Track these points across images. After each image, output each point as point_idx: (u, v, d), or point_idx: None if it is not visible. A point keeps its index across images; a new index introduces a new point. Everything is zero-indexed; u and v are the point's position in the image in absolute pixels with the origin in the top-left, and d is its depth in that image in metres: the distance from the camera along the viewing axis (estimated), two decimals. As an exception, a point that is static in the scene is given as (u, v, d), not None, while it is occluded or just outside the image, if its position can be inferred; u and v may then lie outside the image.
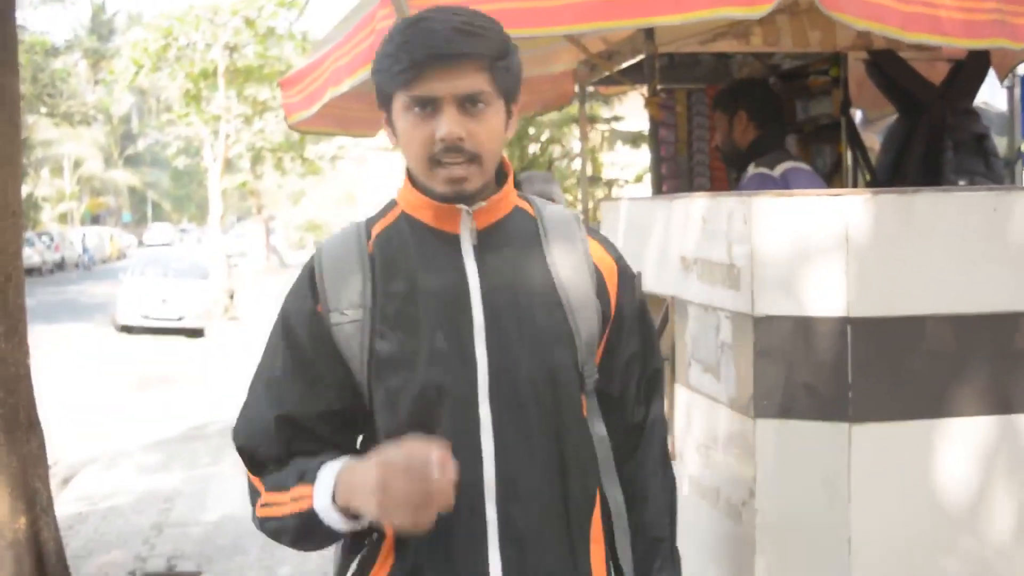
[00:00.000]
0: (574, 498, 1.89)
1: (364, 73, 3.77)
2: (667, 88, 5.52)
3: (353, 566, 1.89)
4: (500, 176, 1.92)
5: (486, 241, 1.88)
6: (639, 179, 11.96)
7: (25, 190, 47.68)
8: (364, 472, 1.69)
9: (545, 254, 1.91)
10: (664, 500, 2.04)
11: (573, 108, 7.86)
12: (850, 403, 2.45)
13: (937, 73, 4.41)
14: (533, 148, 12.11)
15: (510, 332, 1.84)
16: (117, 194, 61.15)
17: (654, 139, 4.87)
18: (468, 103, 1.77)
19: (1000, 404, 2.48)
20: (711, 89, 5.39)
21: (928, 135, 4.30)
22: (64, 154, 48.95)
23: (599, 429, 1.97)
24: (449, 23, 1.77)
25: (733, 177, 4.59)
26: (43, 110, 37.35)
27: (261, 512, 1.87)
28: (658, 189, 4.98)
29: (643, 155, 7.11)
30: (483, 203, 1.86)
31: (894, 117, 4.59)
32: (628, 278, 2.00)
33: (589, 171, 10.21)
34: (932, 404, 2.48)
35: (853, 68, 4.65)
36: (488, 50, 1.79)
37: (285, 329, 1.91)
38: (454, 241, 1.87)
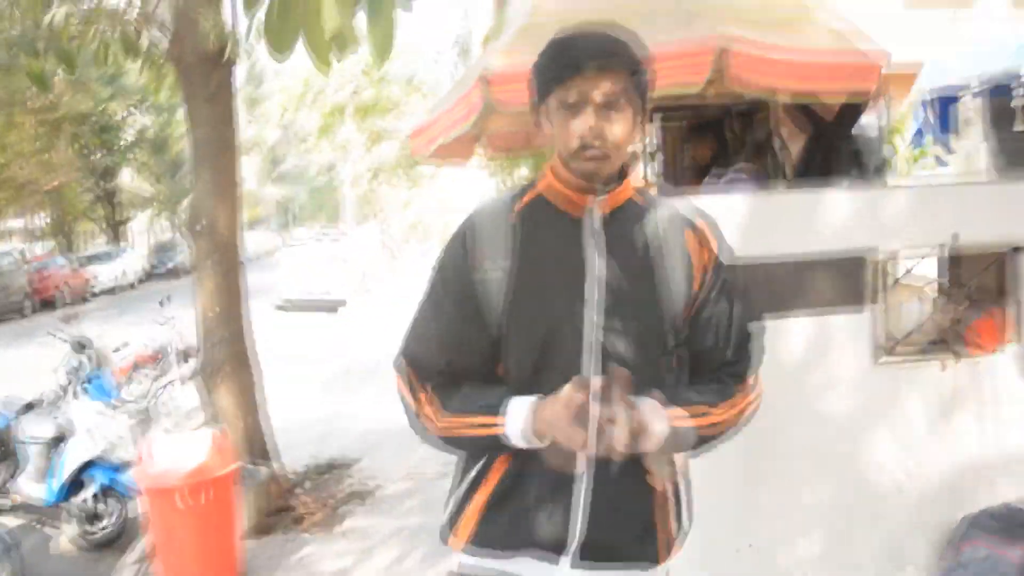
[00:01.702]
0: None
1: (461, 128, 4.55)
2: (661, 124, 6.22)
3: (476, 467, 1.90)
4: (622, 170, 1.88)
5: (605, 226, 1.84)
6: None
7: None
8: (555, 409, 1.70)
9: (649, 239, 1.87)
10: (712, 393, 1.89)
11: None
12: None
13: (831, 110, 4.78)
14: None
15: (616, 303, 1.81)
16: (266, 206, 62.06)
17: (645, 159, 5.59)
18: (608, 106, 1.75)
19: (813, 306, 3.12)
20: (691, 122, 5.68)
21: (825, 151, 4.77)
22: (228, 177, 49.84)
23: (682, 379, 1.93)
24: (598, 39, 1.77)
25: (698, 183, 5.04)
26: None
27: (440, 432, 1.84)
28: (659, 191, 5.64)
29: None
30: (604, 196, 1.84)
31: (804, 141, 5.01)
32: (714, 265, 1.90)
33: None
34: (778, 306, 3.06)
35: (775, 108, 4.98)
36: (627, 64, 1.77)
37: (442, 276, 1.89)
38: (579, 223, 1.84)
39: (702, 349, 1.90)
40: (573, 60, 1.74)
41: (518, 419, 1.75)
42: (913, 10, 17.70)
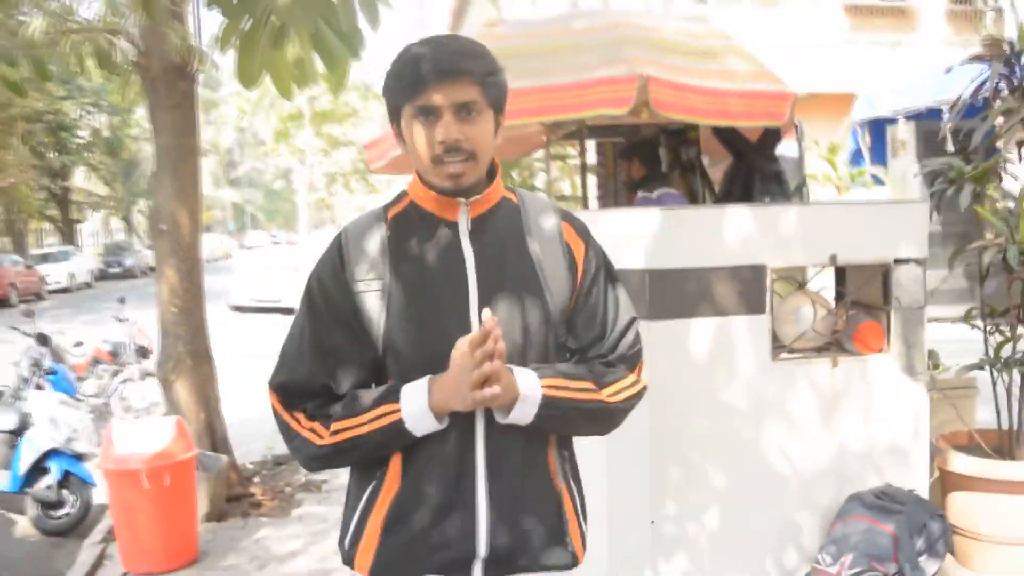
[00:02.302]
0: (538, 436, 1.81)
1: None
2: (600, 141, 6.61)
3: (368, 489, 1.82)
4: (491, 173, 1.85)
5: (479, 227, 1.81)
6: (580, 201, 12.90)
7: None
8: (452, 379, 1.67)
9: (526, 236, 1.85)
10: (589, 367, 1.84)
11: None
12: (648, 307, 3.24)
13: (754, 134, 5.19)
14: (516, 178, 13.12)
15: (497, 300, 1.77)
16: (223, 208, 61.75)
17: (583, 174, 5.97)
18: (463, 111, 1.71)
19: (717, 310, 3.44)
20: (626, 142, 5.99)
21: (746, 172, 5.12)
22: (183, 178, 49.61)
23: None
24: (445, 47, 1.74)
25: (633, 197, 5.41)
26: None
27: (330, 439, 1.75)
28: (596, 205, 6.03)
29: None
30: (477, 196, 1.80)
31: (729, 161, 5.39)
32: (592, 255, 1.89)
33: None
34: (686, 309, 3.41)
35: (704, 130, 5.42)
36: (479, 68, 1.73)
37: (319, 292, 1.83)
38: (454, 227, 1.80)
39: (585, 340, 1.86)
40: (422, 71, 1.70)
41: (416, 398, 1.71)
42: (858, 33, 18.40)
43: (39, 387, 7.38)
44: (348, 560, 1.85)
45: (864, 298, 3.70)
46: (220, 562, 5.22)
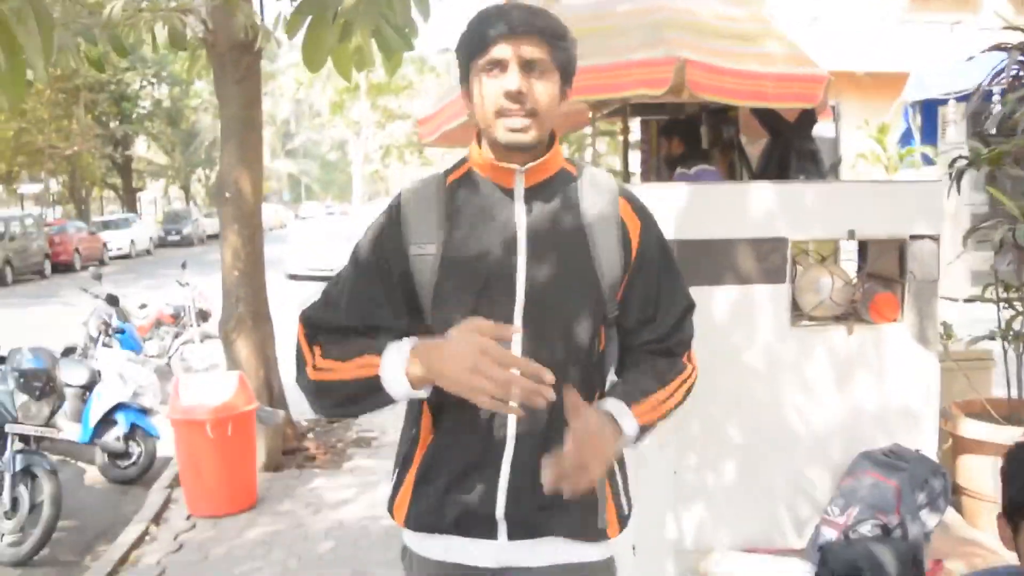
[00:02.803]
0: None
1: (460, 119, 5.22)
2: (645, 119, 6.86)
3: (407, 443, 1.88)
4: (550, 143, 1.84)
5: (534, 196, 1.80)
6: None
7: (213, 176, 49.16)
8: (452, 352, 1.60)
9: (580, 208, 1.82)
10: (660, 368, 1.86)
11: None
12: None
13: (792, 115, 5.36)
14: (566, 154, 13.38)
15: (545, 271, 1.76)
16: (279, 179, 62.66)
17: (625, 150, 6.23)
18: (529, 67, 1.71)
19: (740, 278, 3.72)
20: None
21: (783, 150, 5.34)
22: (241, 149, 50.49)
23: (612, 354, 1.92)
24: (517, 7, 1.75)
25: (673, 173, 5.64)
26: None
27: (314, 375, 1.77)
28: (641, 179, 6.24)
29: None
30: (533, 164, 1.78)
31: (767, 140, 5.59)
32: (650, 234, 1.88)
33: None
34: (712, 277, 3.68)
35: (743, 110, 5.60)
36: (548, 27, 1.73)
37: (371, 244, 1.84)
38: (509, 194, 1.80)
39: (638, 321, 1.87)
40: (493, 26, 1.72)
41: (395, 358, 1.67)
42: (916, 13, 18.26)
43: (107, 345, 7.88)
44: (390, 509, 1.91)
45: (881, 271, 3.95)
46: (277, 507, 5.65)
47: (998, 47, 3.87)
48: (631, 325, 1.87)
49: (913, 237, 3.79)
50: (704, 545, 3.78)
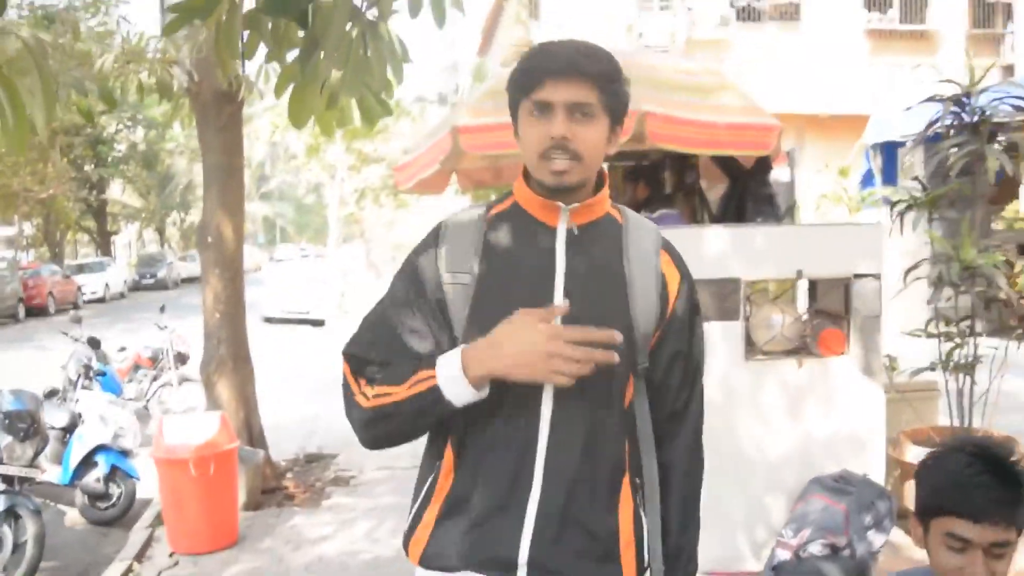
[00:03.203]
0: (608, 457, 1.80)
1: (434, 168, 5.48)
2: (612, 165, 7.14)
3: (428, 480, 1.86)
4: (599, 185, 1.84)
5: (577, 237, 1.79)
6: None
7: (189, 220, 49.17)
8: (519, 342, 1.63)
9: (623, 256, 1.81)
10: (692, 474, 1.94)
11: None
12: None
13: (749, 161, 5.62)
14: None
15: (580, 316, 1.71)
16: (254, 222, 62.71)
17: None
18: (577, 111, 1.70)
19: (718, 316, 4.01)
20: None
21: (741, 194, 5.62)
22: (215, 192, 50.67)
23: (642, 405, 1.87)
24: (570, 47, 1.75)
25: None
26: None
27: (369, 403, 1.78)
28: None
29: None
30: (578, 204, 1.78)
31: (726, 184, 5.88)
32: (687, 289, 1.88)
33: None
34: None
35: (703, 157, 5.84)
36: (598, 71, 1.72)
37: (410, 272, 1.84)
38: (552, 233, 1.80)
39: (659, 382, 1.88)
40: (542, 67, 1.73)
41: (451, 361, 1.69)
42: (879, 56, 18.89)
43: (87, 388, 8.02)
44: (405, 546, 1.89)
45: (828, 307, 4.23)
46: (258, 544, 5.81)
47: (932, 99, 4.20)
48: (658, 381, 1.88)
49: (857, 276, 4.08)
50: None
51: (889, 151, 13.00)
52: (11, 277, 24.68)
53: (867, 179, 12.56)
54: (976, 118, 4.03)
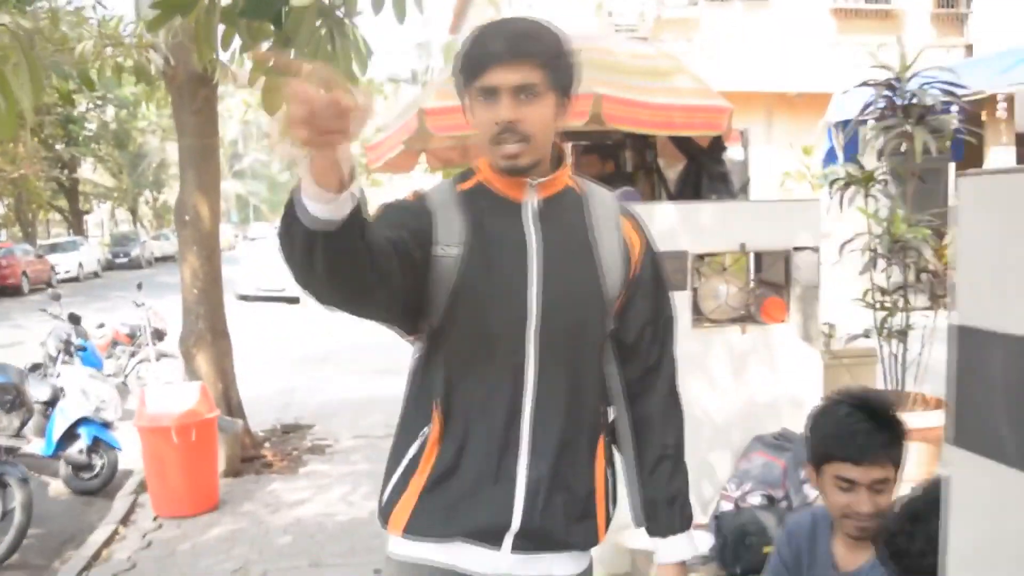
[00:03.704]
0: (587, 420, 1.87)
1: (399, 148, 5.72)
2: (573, 144, 7.41)
3: (411, 450, 1.86)
4: (558, 159, 1.87)
5: (544, 210, 1.83)
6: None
7: (161, 199, 48.93)
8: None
9: (587, 226, 1.86)
10: (671, 423, 2.00)
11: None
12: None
13: (705, 141, 5.73)
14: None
15: (557, 286, 1.79)
16: (227, 200, 62.48)
17: None
18: (522, 93, 1.71)
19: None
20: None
21: (696, 173, 5.85)
22: (188, 170, 50.60)
23: (612, 367, 1.94)
24: (510, 29, 1.76)
25: None
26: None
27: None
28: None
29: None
30: (543, 179, 1.81)
31: (684, 163, 6.03)
32: (650, 252, 1.95)
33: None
34: None
35: (660, 137, 5.94)
36: (541, 50, 1.73)
37: (407, 204, 1.84)
38: (520, 208, 1.83)
39: (631, 342, 1.93)
40: (485, 52, 1.73)
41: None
42: (844, 35, 19.18)
43: (68, 362, 8.24)
44: (383, 516, 1.90)
45: (770, 278, 4.53)
46: (238, 508, 6.09)
47: (866, 83, 4.50)
48: (631, 341, 1.94)
49: (796, 248, 4.38)
50: (621, 523, 4.31)
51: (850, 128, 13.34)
52: (-17, 257, 24.66)
53: (830, 157, 12.87)
54: (906, 101, 4.34)
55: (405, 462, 1.87)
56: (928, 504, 1.78)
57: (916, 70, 4.64)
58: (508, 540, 1.82)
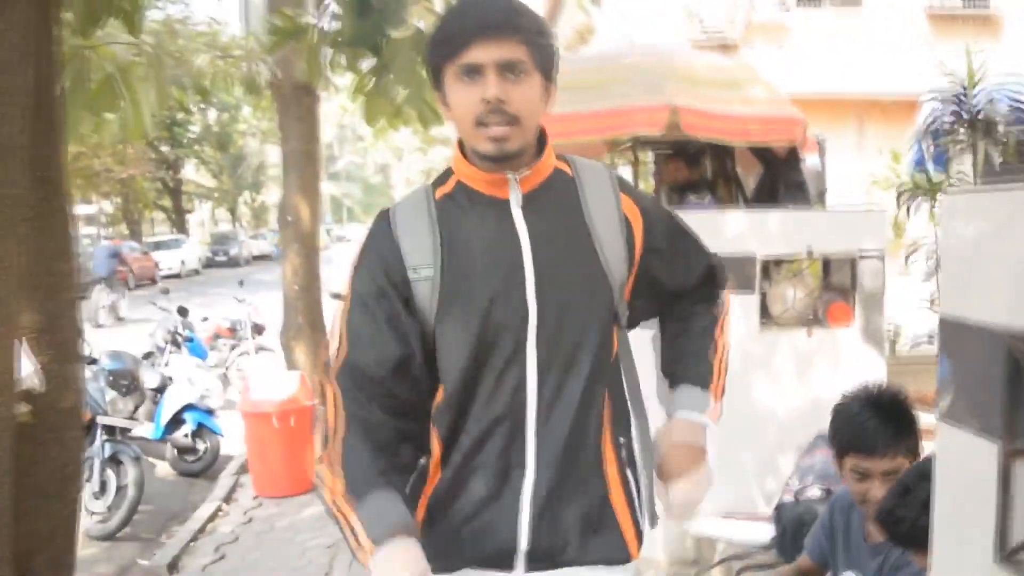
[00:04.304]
0: (594, 423, 1.75)
1: None
2: (657, 152, 7.68)
3: (411, 477, 1.74)
4: (540, 144, 1.74)
5: (532, 203, 1.71)
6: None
7: (260, 200, 50.45)
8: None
9: (582, 210, 1.74)
10: (703, 324, 1.90)
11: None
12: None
13: (782, 150, 5.86)
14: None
15: (556, 283, 1.68)
16: (322, 201, 63.79)
17: (635, 179, 7.02)
18: (508, 71, 1.60)
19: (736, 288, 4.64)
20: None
21: (773, 181, 6.15)
22: (285, 171, 52.09)
23: (627, 357, 1.86)
24: (491, 3, 1.65)
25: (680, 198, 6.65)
26: (276, 142, 39.42)
27: (328, 492, 1.68)
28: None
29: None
30: (527, 171, 1.70)
31: (761, 171, 6.39)
32: (653, 216, 1.82)
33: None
34: None
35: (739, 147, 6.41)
36: (526, 25, 1.63)
37: (373, 266, 1.72)
38: (505, 205, 1.70)
39: (669, 287, 1.86)
40: (466, 26, 1.62)
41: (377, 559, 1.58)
42: (940, 39, 18.90)
43: (176, 352, 8.83)
44: None
45: (837, 283, 4.75)
46: (331, 490, 6.51)
47: (933, 98, 4.68)
48: (660, 291, 1.87)
49: (862, 256, 4.59)
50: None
51: (937, 137, 13.22)
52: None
53: (919, 163, 12.82)
54: (971, 115, 4.51)
55: (408, 490, 1.74)
56: (918, 477, 2.04)
57: (986, 82, 4.78)
58: (520, 561, 1.73)
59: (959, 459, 1.71)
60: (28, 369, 2.45)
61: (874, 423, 2.42)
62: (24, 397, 2.43)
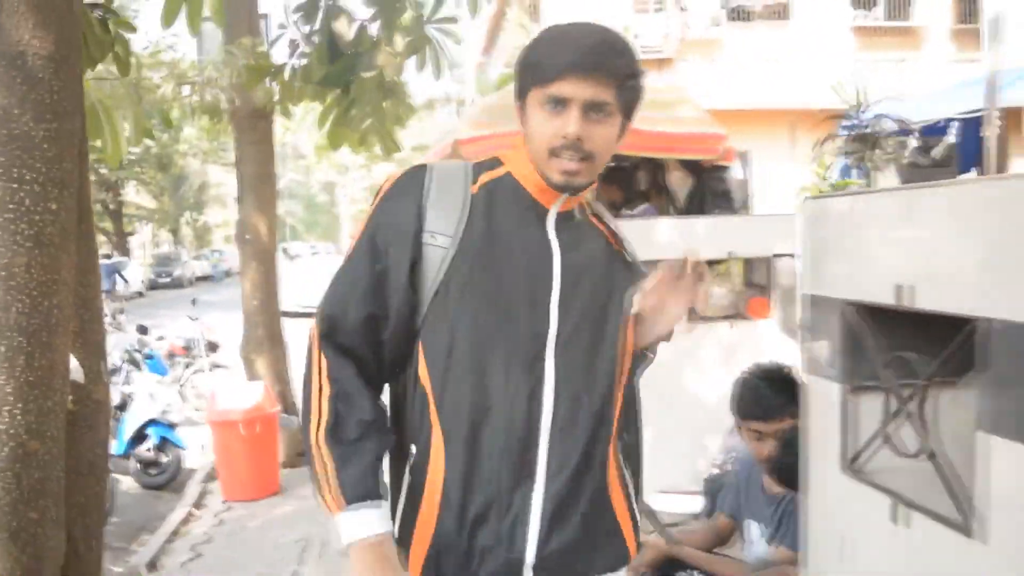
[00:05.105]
0: (606, 433, 1.74)
1: None
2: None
3: (407, 475, 1.73)
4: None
5: (563, 222, 1.74)
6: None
7: (202, 220, 50.31)
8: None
9: (600, 242, 1.81)
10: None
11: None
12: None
13: (708, 162, 6.70)
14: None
15: (578, 301, 1.69)
16: (264, 220, 63.58)
17: None
18: (593, 110, 1.60)
19: None
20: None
21: (701, 191, 6.79)
22: (228, 192, 52.01)
23: (637, 382, 1.91)
24: (590, 37, 1.62)
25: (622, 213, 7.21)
26: (217, 162, 39.55)
27: (312, 441, 1.67)
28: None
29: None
30: (572, 196, 1.71)
31: (691, 183, 7.09)
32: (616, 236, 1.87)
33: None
34: None
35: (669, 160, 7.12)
36: (619, 68, 1.63)
37: (391, 222, 1.69)
38: (544, 214, 1.72)
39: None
40: (560, 58, 1.61)
41: (345, 531, 1.62)
42: (865, 52, 19.87)
43: (136, 369, 9.15)
44: (405, 545, 1.75)
45: (758, 281, 5.34)
46: (298, 492, 6.94)
47: (834, 116, 5.30)
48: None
49: (776, 255, 5.18)
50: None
51: (866, 145, 14.02)
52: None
53: (845, 171, 13.55)
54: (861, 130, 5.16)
55: (408, 486, 1.75)
56: (795, 430, 2.59)
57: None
58: (528, 572, 1.69)
59: (817, 401, 2.26)
60: (74, 364, 2.91)
61: (767, 393, 2.95)
62: (71, 389, 2.89)
